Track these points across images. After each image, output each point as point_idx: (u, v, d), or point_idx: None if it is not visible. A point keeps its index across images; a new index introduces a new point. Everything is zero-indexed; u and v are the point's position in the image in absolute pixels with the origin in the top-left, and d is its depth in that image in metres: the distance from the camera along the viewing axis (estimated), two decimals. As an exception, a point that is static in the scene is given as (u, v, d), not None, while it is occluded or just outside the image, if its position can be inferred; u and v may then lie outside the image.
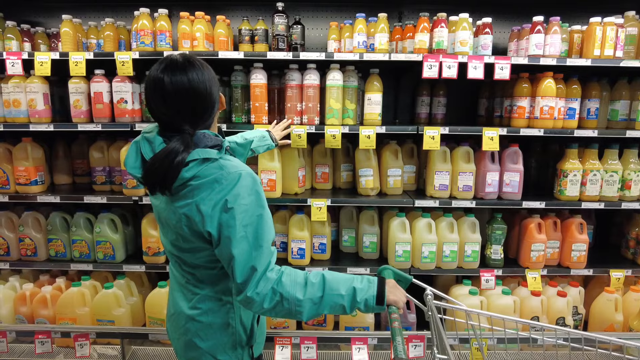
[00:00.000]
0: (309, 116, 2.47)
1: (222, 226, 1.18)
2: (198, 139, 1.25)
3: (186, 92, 1.22)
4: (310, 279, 1.23)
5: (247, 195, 1.19)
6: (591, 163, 2.49)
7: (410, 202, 2.50)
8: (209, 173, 1.19)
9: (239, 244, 1.17)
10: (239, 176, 1.19)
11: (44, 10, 2.99)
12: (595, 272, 2.58)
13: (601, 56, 2.36)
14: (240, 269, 1.17)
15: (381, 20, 2.41)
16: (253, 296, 1.16)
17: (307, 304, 1.20)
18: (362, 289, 1.24)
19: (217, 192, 1.17)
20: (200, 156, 1.20)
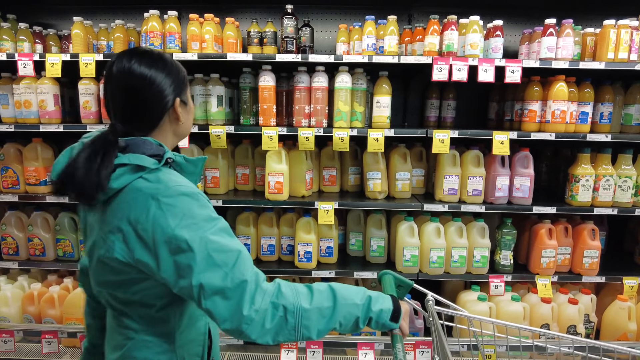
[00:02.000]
0: (317, 119, 2.45)
1: (174, 253, 0.95)
2: (135, 145, 1.05)
3: (123, 80, 1.05)
4: (314, 287, 1.04)
5: (197, 211, 0.99)
6: (604, 168, 2.44)
7: (419, 206, 2.48)
8: (143, 186, 0.99)
9: (206, 268, 0.94)
10: (181, 192, 0.99)
11: (56, 12, 3.03)
12: (608, 279, 2.53)
13: (615, 59, 2.32)
14: (222, 291, 0.95)
15: (390, 23, 2.40)
16: (251, 315, 0.93)
17: (314, 315, 0.99)
18: (375, 299, 1.08)
19: (157, 212, 0.96)
20: (132, 162, 1.00)
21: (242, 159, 2.75)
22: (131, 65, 1.05)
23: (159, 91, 1.09)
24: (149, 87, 1.07)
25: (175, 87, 1.12)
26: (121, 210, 0.99)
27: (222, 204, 2.48)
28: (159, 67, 1.09)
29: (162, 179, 1.02)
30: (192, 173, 1.18)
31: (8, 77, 2.59)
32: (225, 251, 0.97)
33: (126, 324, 1.10)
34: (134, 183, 1.00)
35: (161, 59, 1.11)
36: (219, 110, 2.50)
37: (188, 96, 1.20)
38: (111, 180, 0.98)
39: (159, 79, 1.08)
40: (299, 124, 2.47)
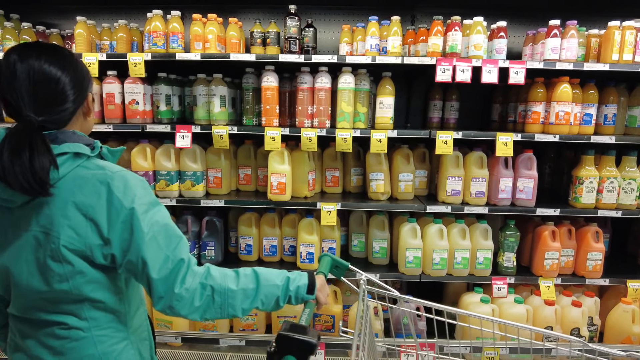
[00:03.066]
0: (320, 119, 2.45)
1: (127, 232, 1.02)
2: (67, 136, 1.08)
3: (37, 73, 1.03)
4: (240, 271, 1.16)
5: (143, 194, 1.06)
6: (608, 170, 2.43)
7: (422, 207, 2.47)
8: (87, 173, 1.04)
9: (150, 245, 1.03)
10: (125, 175, 1.07)
11: (59, 12, 3.03)
12: (612, 282, 2.52)
13: (619, 61, 2.31)
14: (159, 268, 1.03)
15: (394, 24, 2.39)
16: (182, 292, 1.03)
17: (239, 296, 1.11)
18: (294, 279, 1.22)
19: (109, 196, 1.02)
20: (71, 150, 1.04)
21: (244, 159, 2.74)
22: (43, 60, 1.04)
23: (74, 85, 1.09)
24: (66, 81, 1.08)
25: (87, 82, 1.15)
26: (63, 199, 1.01)
27: (225, 204, 2.48)
28: (72, 63, 1.10)
29: (101, 165, 1.08)
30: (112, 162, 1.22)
31: (11, 77, 2.59)
32: (169, 234, 1.07)
33: (70, 326, 1.08)
34: (74, 170, 1.04)
35: (71, 54, 1.12)
36: (222, 111, 2.49)
37: (89, 94, 1.20)
38: (53, 170, 0.99)
39: (73, 74, 1.09)
40: (302, 125, 2.46)
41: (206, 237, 2.58)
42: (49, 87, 1.05)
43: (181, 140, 2.38)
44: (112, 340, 1.13)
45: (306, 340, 1.00)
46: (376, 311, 2.47)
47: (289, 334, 1.00)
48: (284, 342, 1.01)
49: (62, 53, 1.10)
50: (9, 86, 1.02)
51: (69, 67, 1.08)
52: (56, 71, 1.05)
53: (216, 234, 2.59)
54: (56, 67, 1.05)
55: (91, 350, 1.09)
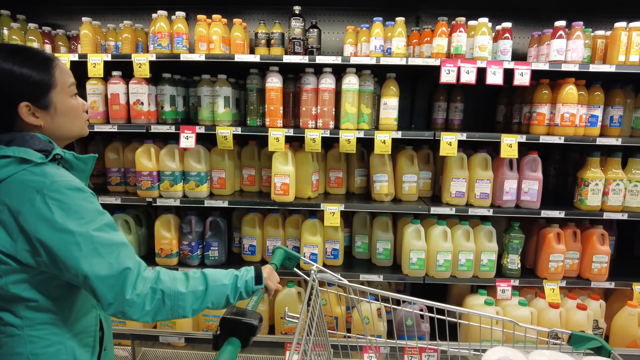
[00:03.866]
0: (323, 120, 2.45)
1: (60, 246, 1.01)
2: (22, 139, 1.08)
3: None
4: (190, 274, 1.18)
5: (83, 204, 1.04)
6: (614, 172, 2.41)
7: (426, 209, 2.46)
8: (28, 179, 1.02)
9: (89, 259, 1.01)
10: (67, 186, 1.03)
11: (65, 13, 3.05)
12: (617, 285, 2.50)
13: (626, 62, 2.30)
14: (104, 278, 1.02)
15: (399, 25, 2.39)
16: (133, 298, 1.04)
17: (189, 298, 1.13)
18: (241, 275, 1.26)
19: (42, 205, 1.00)
20: (16, 154, 1.03)
21: (248, 160, 2.74)
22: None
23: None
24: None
25: (17, 94, 1.08)
26: (5, 199, 1.02)
27: (228, 204, 2.48)
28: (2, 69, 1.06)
29: (48, 173, 1.05)
30: (81, 171, 1.19)
31: (17, 77, 2.61)
32: (109, 244, 1.05)
33: (5, 322, 1.09)
34: (17, 175, 1.03)
35: (9, 58, 1.07)
36: (226, 111, 2.50)
37: (57, 99, 1.14)
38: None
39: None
40: (306, 126, 2.46)
41: (210, 238, 2.58)
42: None
43: (185, 140, 2.39)
44: (45, 342, 1.11)
45: (248, 322, 1.05)
46: (379, 312, 2.46)
47: (231, 317, 1.06)
48: (227, 324, 1.06)
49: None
50: None
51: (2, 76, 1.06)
52: None
53: (220, 235, 2.59)
54: None
55: (21, 349, 1.10)
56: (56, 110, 1.15)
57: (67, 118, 1.18)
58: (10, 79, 1.08)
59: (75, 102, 1.20)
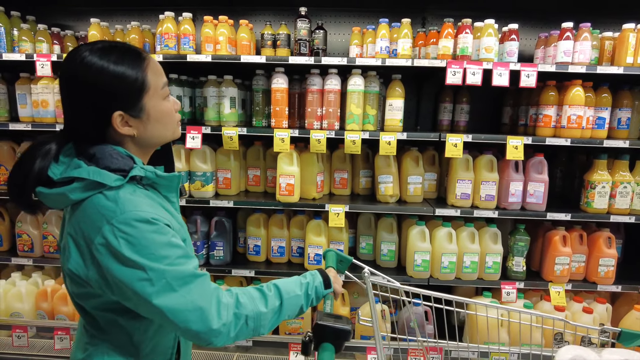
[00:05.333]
0: (329, 121, 2.45)
1: (132, 281, 0.94)
2: (102, 155, 1.00)
3: (61, 75, 1.01)
4: (264, 290, 1.12)
5: (153, 237, 0.96)
6: (621, 175, 2.39)
7: (431, 210, 2.45)
8: (101, 205, 0.96)
9: (165, 294, 0.95)
10: (137, 218, 0.95)
11: (74, 14, 3.08)
12: (624, 288, 2.48)
13: (634, 64, 2.28)
14: (187, 312, 0.96)
15: (404, 26, 2.39)
16: (220, 328, 0.99)
17: (269, 316, 1.09)
18: (309, 282, 1.22)
19: (112, 238, 0.93)
20: (91, 177, 0.96)
21: (253, 160, 2.76)
22: (76, 59, 0.98)
23: (83, 105, 1.00)
24: (74, 98, 1.00)
25: (110, 100, 1.01)
26: (79, 223, 0.98)
27: (234, 204, 2.49)
28: (93, 77, 0.98)
29: (121, 200, 0.97)
30: (167, 187, 1.12)
31: (27, 77, 2.64)
32: (183, 277, 0.98)
33: (90, 328, 1.09)
34: (93, 198, 0.97)
35: (104, 57, 0.99)
36: (232, 112, 2.51)
37: (150, 104, 1.06)
38: (68, 192, 0.96)
39: (87, 92, 0.99)
40: (311, 127, 2.47)
41: (215, 237, 2.59)
42: (68, 104, 1.03)
43: (191, 141, 2.40)
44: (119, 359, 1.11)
45: (343, 328, 1.04)
46: (384, 314, 2.46)
47: (326, 324, 1.04)
48: (321, 331, 1.05)
49: (74, 59, 0.99)
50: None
51: (73, 73, 0.99)
52: (75, 86, 1.00)
53: (225, 235, 2.60)
54: (80, 65, 0.98)
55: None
56: (149, 117, 1.06)
57: (160, 124, 1.09)
58: (106, 82, 0.99)
59: (168, 105, 1.11)
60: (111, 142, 1.05)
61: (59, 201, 0.98)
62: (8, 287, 2.62)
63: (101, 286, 0.99)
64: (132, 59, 1.02)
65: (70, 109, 1.03)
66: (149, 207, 1.00)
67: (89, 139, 1.03)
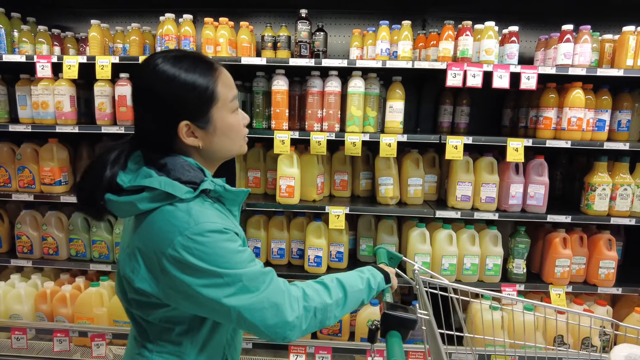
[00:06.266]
0: (329, 123, 2.45)
1: (206, 289, 0.94)
2: (174, 166, 1.00)
3: (133, 81, 1.06)
4: (327, 282, 1.13)
5: (226, 246, 0.97)
6: (622, 177, 2.39)
7: (431, 212, 2.45)
8: (173, 216, 0.95)
9: (241, 296, 0.96)
10: (209, 229, 0.95)
11: (74, 15, 3.08)
12: (625, 291, 2.47)
13: (634, 66, 2.28)
14: (263, 310, 0.98)
15: (405, 28, 2.39)
16: (294, 321, 1.00)
17: (334, 307, 1.10)
18: (370, 277, 1.23)
19: (186, 250, 0.93)
20: (162, 188, 0.95)
21: (254, 162, 2.75)
22: (146, 70, 0.99)
23: (152, 113, 1.01)
24: (143, 105, 1.01)
25: (178, 109, 1.00)
26: (149, 235, 0.97)
27: (233, 206, 2.48)
28: (163, 85, 0.98)
29: (193, 211, 0.97)
30: (232, 201, 1.12)
31: (27, 79, 2.64)
32: (256, 277, 0.99)
33: (142, 338, 1.10)
34: (163, 208, 0.97)
35: (154, 66, 0.98)
36: (232, 114, 2.51)
37: (217, 116, 1.04)
38: (137, 202, 0.95)
39: (156, 100, 0.99)
40: (311, 128, 2.47)
41: (215, 239, 2.58)
42: (137, 112, 1.04)
43: (191, 142, 2.40)
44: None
45: (409, 318, 1.07)
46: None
47: (395, 313, 1.08)
48: (390, 320, 1.08)
49: (147, 65, 0.99)
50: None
51: (145, 81, 1.00)
52: (142, 96, 1.02)
53: (225, 236, 2.59)
54: (134, 81, 1.04)
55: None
56: (215, 129, 1.05)
57: (226, 137, 1.08)
58: (175, 90, 0.98)
59: (236, 119, 1.09)
60: (178, 152, 1.05)
61: (126, 210, 0.98)
62: (7, 288, 2.62)
63: (169, 297, 0.98)
64: (203, 69, 1.01)
65: (139, 116, 1.04)
66: (219, 218, 1.01)
67: (157, 147, 1.03)
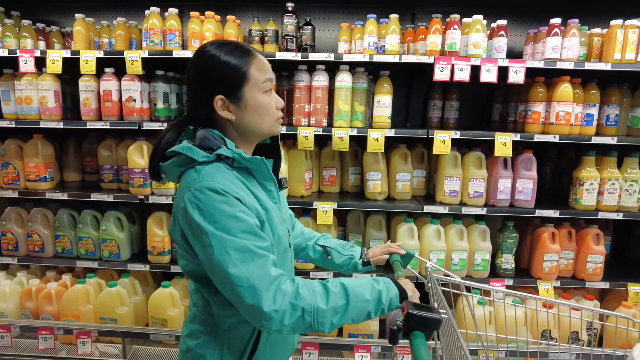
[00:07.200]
0: (316, 118, 2.43)
1: (198, 246, 1.06)
2: (201, 135, 1.14)
3: (187, 66, 1.19)
4: (329, 286, 1.10)
5: (221, 207, 1.04)
6: (609, 171, 2.39)
7: (419, 207, 2.44)
8: (190, 176, 1.10)
9: (222, 264, 1.01)
10: (209, 187, 1.05)
11: (59, 9, 3.04)
12: (612, 285, 2.48)
13: (622, 60, 2.28)
14: (241, 289, 1.01)
15: (392, 22, 2.37)
16: (271, 313, 1.01)
17: (329, 314, 1.06)
18: (382, 290, 1.15)
19: (187, 204, 1.05)
20: (184, 152, 1.10)
21: (241, 157, 2.73)
22: (192, 60, 1.17)
23: (197, 80, 1.16)
24: (193, 78, 1.17)
25: (216, 85, 1.14)
26: (177, 194, 1.14)
27: (221, 202, 2.46)
28: (202, 53, 1.15)
29: (204, 172, 1.09)
30: (260, 173, 1.19)
31: (10, 74, 2.60)
32: (242, 251, 1.02)
33: (193, 291, 1.24)
34: (188, 171, 1.12)
35: (202, 48, 1.16)
36: (219, 109, 2.48)
37: (249, 94, 1.15)
38: (170, 164, 1.13)
39: (199, 66, 1.15)
40: (299, 123, 2.45)
41: (202, 236, 2.57)
42: (188, 88, 1.21)
43: (177, 138, 2.37)
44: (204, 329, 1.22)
45: (434, 317, 1.05)
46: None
47: (418, 313, 1.06)
48: (414, 320, 1.06)
49: (199, 49, 1.17)
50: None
51: (198, 59, 1.16)
52: (190, 65, 1.17)
53: (212, 233, 2.58)
54: (191, 60, 1.18)
55: (191, 326, 1.26)
56: (246, 106, 1.16)
57: (256, 115, 1.18)
58: (214, 68, 1.13)
59: (267, 99, 1.19)
60: (218, 127, 1.19)
61: (169, 173, 1.16)
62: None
63: (185, 249, 1.13)
64: (240, 53, 1.15)
65: (189, 93, 1.21)
66: (227, 181, 1.09)
67: (200, 122, 1.19)
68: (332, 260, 1.52)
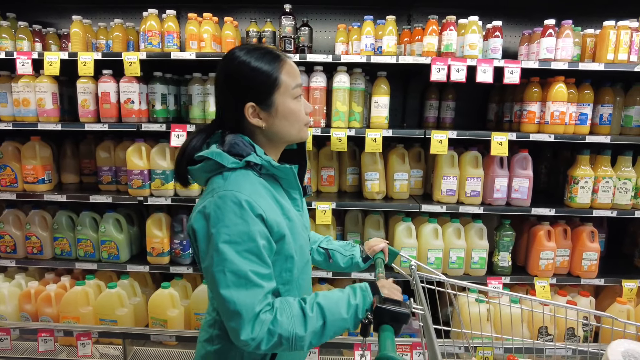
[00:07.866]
0: (315, 118, 2.45)
1: (203, 252, 1.06)
2: (230, 140, 1.13)
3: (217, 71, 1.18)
4: (306, 310, 1.07)
5: (235, 221, 1.03)
6: (603, 170, 2.43)
7: (417, 206, 2.47)
8: (216, 181, 1.10)
9: (217, 279, 1.02)
10: (231, 196, 1.03)
11: (56, 11, 3.03)
12: (607, 282, 2.52)
13: (615, 60, 2.31)
14: (227, 311, 1.02)
15: (389, 23, 2.39)
16: (248, 341, 1.01)
17: (309, 338, 1.05)
18: (358, 304, 1.11)
19: (209, 208, 1.05)
20: (213, 157, 1.09)
21: (240, 158, 2.74)
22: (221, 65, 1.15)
23: (226, 87, 1.15)
24: (222, 85, 1.16)
25: (246, 91, 1.12)
26: (202, 196, 1.12)
27: (220, 203, 2.47)
28: (230, 60, 1.13)
29: (231, 179, 1.08)
30: (286, 180, 1.19)
31: (7, 76, 2.60)
32: (238, 274, 1.02)
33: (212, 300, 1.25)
34: (215, 176, 1.11)
35: (231, 54, 1.13)
36: (217, 110, 2.49)
37: (279, 101, 1.14)
38: (198, 169, 1.12)
39: (227, 72, 1.13)
40: (297, 124, 2.46)
41: (201, 236, 2.58)
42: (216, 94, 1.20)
43: (176, 139, 2.38)
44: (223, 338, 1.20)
45: (403, 312, 1.05)
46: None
47: (387, 307, 1.06)
48: (382, 314, 1.06)
49: (228, 54, 1.15)
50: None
51: (225, 66, 1.14)
52: (218, 73, 1.16)
53: (211, 233, 2.59)
54: (219, 68, 1.16)
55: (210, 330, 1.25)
56: (277, 112, 1.15)
57: (286, 121, 1.16)
58: (245, 74, 1.11)
59: (297, 106, 1.18)
60: (247, 133, 1.17)
61: (197, 177, 1.15)
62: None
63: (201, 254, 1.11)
64: (271, 58, 1.13)
65: (217, 99, 1.19)
66: (254, 192, 1.07)
67: (229, 127, 1.17)
68: (335, 263, 1.53)
